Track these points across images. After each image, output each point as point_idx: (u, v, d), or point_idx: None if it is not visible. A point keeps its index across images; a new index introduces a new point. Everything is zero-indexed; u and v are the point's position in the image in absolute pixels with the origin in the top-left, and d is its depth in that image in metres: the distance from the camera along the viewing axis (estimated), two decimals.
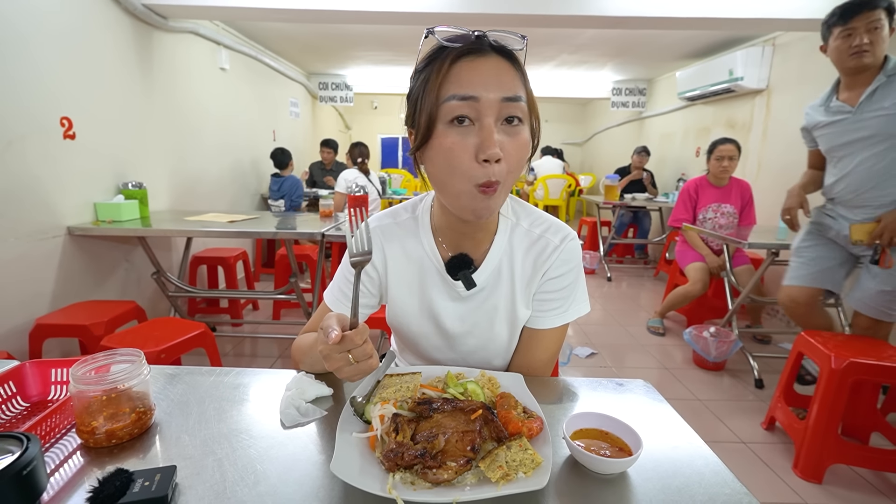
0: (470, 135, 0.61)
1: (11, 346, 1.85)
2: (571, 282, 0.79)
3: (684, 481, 0.55)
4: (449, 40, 0.63)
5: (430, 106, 0.62)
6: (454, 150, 0.61)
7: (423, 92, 0.63)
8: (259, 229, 2.24)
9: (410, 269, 0.80)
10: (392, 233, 0.80)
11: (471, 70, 0.61)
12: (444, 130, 0.62)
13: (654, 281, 4.39)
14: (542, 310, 0.79)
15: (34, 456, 0.48)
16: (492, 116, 0.61)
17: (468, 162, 0.61)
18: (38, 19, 1.95)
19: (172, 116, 2.98)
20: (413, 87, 0.67)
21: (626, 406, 0.73)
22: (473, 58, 0.62)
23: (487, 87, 0.60)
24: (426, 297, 0.79)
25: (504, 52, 0.64)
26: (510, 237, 0.78)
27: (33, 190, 1.96)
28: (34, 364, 0.73)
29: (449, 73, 0.61)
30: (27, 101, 1.91)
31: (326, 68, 5.62)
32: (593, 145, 8.16)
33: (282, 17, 2.77)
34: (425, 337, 0.82)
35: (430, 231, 0.78)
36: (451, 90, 0.61)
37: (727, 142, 2.81)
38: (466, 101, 0.60)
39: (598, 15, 2.58)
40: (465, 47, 0.62)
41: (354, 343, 0.58)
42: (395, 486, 0.50)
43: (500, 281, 0.78)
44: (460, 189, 0.64)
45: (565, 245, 0.77)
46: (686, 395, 2.23)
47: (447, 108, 0.61)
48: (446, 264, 0.76)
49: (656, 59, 4.74)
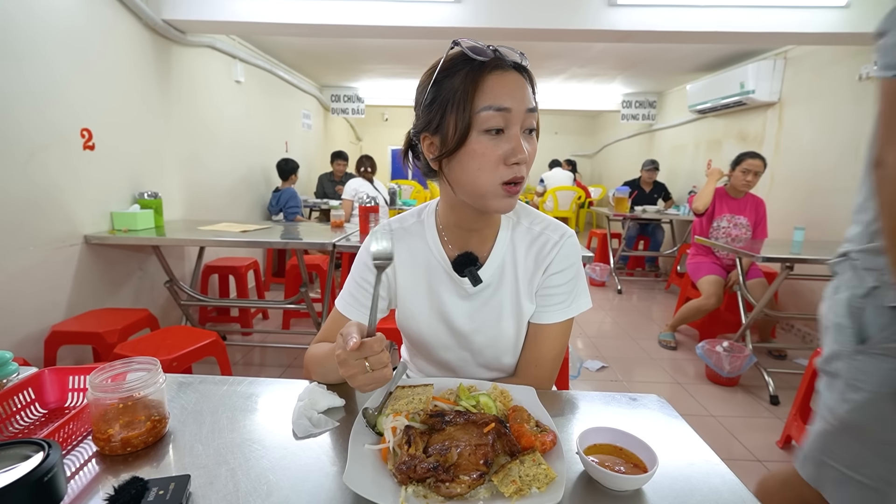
0: (501, 141, 0.67)
1: (27, 353, 1.88)
2: (573, 277, 0.81)
3: (700, 499, 0.54)
4: (475, 54, 0.67)
5: (465, 115, 0.66)
6: (487, 156, 0.67)
7: (453, 101, 0.66)
8: (270, 239, 2.27)
9: (418, 271, 0.83)
10: (399, 236, 0.84)
11: (502, 83, 0.66)
12: (478, 138, 0.67)
13: (666, 294, 4.34)
14: (546, 305, 0.81)
15: (55, 462, 0.49)
16: (518, 125, 0.67)
17: (497, 165, 0.67)
18: (62, 34, 2.01)
19: (188, 128, 3.04)
20: (437, 95, 0.68)
21: (640, 421, 0.72)
22: (502, 72, 0.67)
23: (516, 99, 0.66)
24: (435, 296, 0.82)
25: (519, 67, 0.69)
26: (512, 235, 0.82)
27: (53, 199, 2.01)
28: (53, 371, 0.74)
29: (483, 86, 0.66)
30: (49, 112, 1.96)
31: (338, 81, 5.71)
32: (603, 157, 8.15)
33: (296, 31, 2.83)
34: (436, 337, 0.84)
35: (437, 232, 0.82)
36: (487, 101, 0.66)
37: (756, 157, 2.78)
38: (500, 112, 0.66)
39: (608, 29, 2.60)
40: (494, 62, 0.67)
41: (373, 350, 0.59)
42: (408, 499, 0.50)
43: (504, 277, 0.81)
44: (488, 189, 0.69)
45: (564, 241, 0.81)
46: (699, 411, 2.19)
47: (482, 117, 0.66)
48: (452, 262, 0.79)
49: (666, 72, 4.74)
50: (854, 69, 2.90)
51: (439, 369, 0.89)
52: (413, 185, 6.23)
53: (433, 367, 0.89)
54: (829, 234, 3.05)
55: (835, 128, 3.06)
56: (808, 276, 2.93)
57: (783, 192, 3.50)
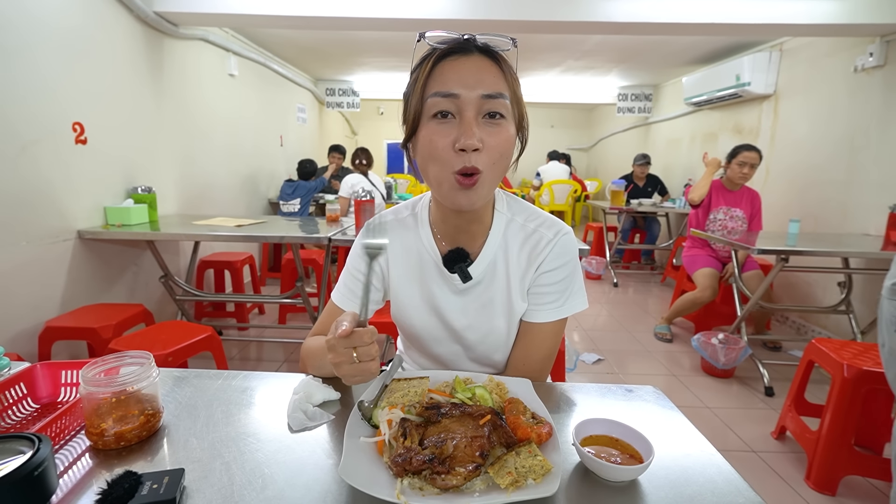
0: (451, 127, 0.66)
1: (21, 349, 1.87)
2: (567, 276, 0.79)
3: (697, 489, 0.54)
4: (439, 44, 0.67)
5: (417, 102, 0.67)
6: (434, 141, 0.66)
7: (412, 90, 0.69)
8: (266, 234, 2.25)
9: (411, 263, 0.82)
10: (393, 228, 0.84)
11: (453, 69, 0.66)
12: (427, 124, 0.67)
13: (662, 287, 4.36)
14: (537, 303, 0.80)
15: (45, 457, 0.48)
16: (472, 112, 0.65)
17: (447, 151, 0.65)
18: (51, 27, 1.98)
19: (182, 122, 3.01)
20: (407, 87, 0.71)
21: (635, 413, 0.72)
22: (456, 57, 0.66)
23: (467, 85, 0.65)
24: (427, 290, 0.81)
25: (488, 52, 0.68)
26: (505, 232, 0.80)
27: (45, 194, 1.99)
28: (45, 366, 0.73)
29: (433, 72, 0.66)
30: (40, 106, 1.94)
31: (333, 74, 5.66)
32: (599, 151, 8.15)
33: (290, 23, 2.80)
34: (428, 330, 0.83)
35: (429, 226, 0.81)
36: (435, 88, 0.66)
37: (752, 149, 2.78)
38: (448, 98, 0.65)
39: (604, 21, 2.59)
40: (449, 48, 0.67)
41: (362, 340, 0.58)
42: (404, 491, 0.50)
43: (495, 274, 0.79)
44: (441, 177, 0.68)
45: (559, 239, 0.78)
46: (694, 402, 2.20)
47: (430, 103, 0.66)
48: (443, 258, 0.78)
49: (662, 65, 4.73)
50: (849, 61, 2.90)
51: (432, 363, 0.88)
52: (409, 180, 6.20)
53: (427, 361, 0.89)
54: (825, 227, 3.06)
55: (830, 120, 3.06)
56: (804, 268, 2.95)
57: (779, 184, 3.51)
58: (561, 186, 6.32)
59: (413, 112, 0.68)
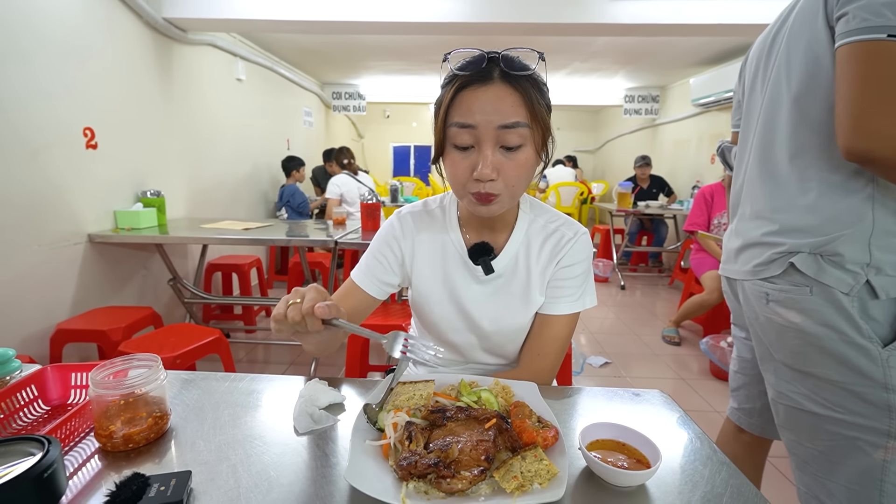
0: (470, 155, 0.71)
1: (33, 350, 1.89)
2: (583, 272, 0.84)
3: (704, 495, 0.53)
4: (462, 66, 0.70)
5: (440, 130, 0.73)
6: (456, 168, 0.72)
7: (437, 113, 0.73)
8: (273, 237, 2.27)
9: (436, 254, 0.87)
10: (423, 220, 0.88)
11: (472, 99, 0.69)
12: (450, 150, 0.72)
13: (669, 289, 4.32)
14: (555, 296, 0.84)
15: (55, 459, 0.49)
16: (489, 142, 0.69)
17: (465, 177, 0.71)
18: (63, 34, 2.01)
19: (190, 126, 3.04)
20: (436, 102, 0.76)
21: (643, 417, 0.72)
22: (476, 87, 0.69)
23: (485, 115, 0.68)
24: (449, 279, 0.85)
25: (509, 77, 0.69)
26: (528, 230, 0.85)
27: (56, 198, 2.01)
28: (55, 368, 0.74)
29: (454, 102, 0.70)
30: (52, 112, 1.97)
31: (339, 78, 5.70)
32: (606, 153, 8.11)
33: (296, 28, 2.83)
34: (446, 319, 0.87)
35: (456, 219, 0.86)
36: (454, 117, 0.70)
37: None
38: (466, 129, 0.69)
39: (611, 23, 2.58)
40: (471, 77, 0.69)
41: (299, 293, 0.63)
42: (409, 495, 0.50)
43: (517, 269, 0.84)
44: (461, 195, 0.76)
45: (578, 238, 0.84)
46: (703, 407, 2.18)
47: (451, 132, 0.71)
48: (469, 250, 0.83)
49: (669, 66, 4.71)
50: None
51: (445, 350, 0.91)
52: (415, 182, 6.22)
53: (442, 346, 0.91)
54: None
55: None
56: None
57: None
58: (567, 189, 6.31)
59: (438, 137, 0.73)
